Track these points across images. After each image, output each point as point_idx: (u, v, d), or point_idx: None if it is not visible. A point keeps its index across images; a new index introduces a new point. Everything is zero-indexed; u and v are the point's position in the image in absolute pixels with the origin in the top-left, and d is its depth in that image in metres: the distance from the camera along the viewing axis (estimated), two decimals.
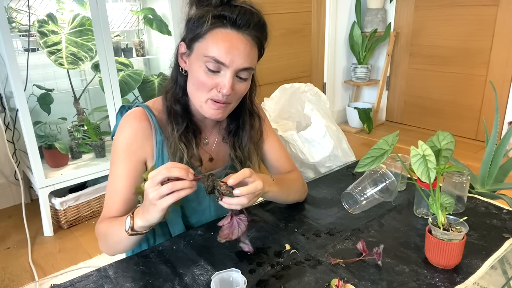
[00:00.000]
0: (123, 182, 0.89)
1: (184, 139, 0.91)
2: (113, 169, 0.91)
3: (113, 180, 0.90)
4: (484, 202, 1.04)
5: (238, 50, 0.81)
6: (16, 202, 2.44)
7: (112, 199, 0.90)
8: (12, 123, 2.26)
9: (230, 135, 1.00)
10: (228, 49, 0.81)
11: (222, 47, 0.81)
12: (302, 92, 2.24)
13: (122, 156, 0.90)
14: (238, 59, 0.82)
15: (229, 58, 0.81)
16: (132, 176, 0.90)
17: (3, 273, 1.82)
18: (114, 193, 0.90)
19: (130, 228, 0.78)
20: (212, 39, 0.82)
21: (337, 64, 3.71)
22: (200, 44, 0.83)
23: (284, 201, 1.04)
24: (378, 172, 0.95)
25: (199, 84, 0.85)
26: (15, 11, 2.08)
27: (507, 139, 1.37)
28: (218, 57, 0.81)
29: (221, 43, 0.81)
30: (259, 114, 1.04)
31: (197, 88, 0.86)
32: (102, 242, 0.90)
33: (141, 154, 0.91)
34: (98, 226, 0.90)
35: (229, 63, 0.81)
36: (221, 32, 0.81)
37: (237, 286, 0.67)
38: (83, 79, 2.42)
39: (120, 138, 0.91)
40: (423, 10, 3.41)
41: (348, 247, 0.87)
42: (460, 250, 0.77)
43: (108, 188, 0.91)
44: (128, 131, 0.90)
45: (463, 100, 3.32)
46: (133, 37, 2.59)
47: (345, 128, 3.67)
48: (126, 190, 0.89)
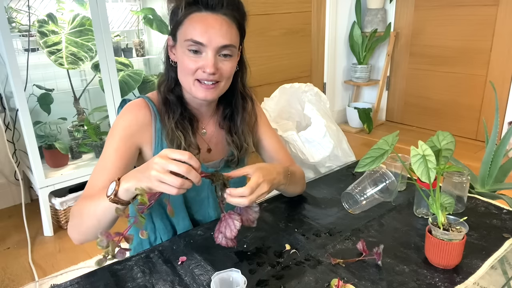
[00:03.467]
0: (113, 161, 0.88)
1: (180, 126, 0.94)
2: (105, 148, 0.90)
3: (103, 158, 0.89)
4: (484, 202, 1.04)
5: (214, 29, 0.85)
6: (16, 202, 2.44)
7: (98, 177, 0.87)
8: (12, 123, 2.26)
9: (225, 120, 1.03)
10: (205, 29, 0.85)
11: (198, 28, 0.85)
12: (302, 92, 2.24)
13: (118, 136, 0.90)
14: (215, 37, 0.85)
15: (206, 37, 0.85)
16: (124, 157, 0.89)
17: (3, 273, 1.82)
18: (101, 171, 0.88)
19: (113, 193, 0.74)
20: (189, 23, 0.86)
21: (337, 64, 3.71)
22: (180, 31, 0.88)
23: (292, 193, 1.07)
24: (378, 172, 0.95)
25: (184, 68, 0.89)
26: (15, 11, 2.08)
27: (507, 139, 1.37)
28: (196, 37, 0.85)
29: (197, 25, 0.85)
30: (251, 97, 1.07)
31: (184, 73, 0.90)
32: (74, 221, 0.85)
33: (138, 139, 0.92)
34: (75, 205, 0.86)
35: (207, 42, 0.85)
36: (196, 15, 0.86)
37: (237, 286, 0.67)
38: (83, 79, 2.42)
39: (120, 120, 0.92)
40: (423, 10, 3.41)
41: (348, 247, 0.87)
42: (460, 250, 0.77)
43: (96, 167, 0.89)
44: (129, 115, 0.92)
45: (463, 100, 3.32)
46: (133, 37, 2.59)
47: (345, 128, 3.67)
48: (115, 169, 0.87)
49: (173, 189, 0.69)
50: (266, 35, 3.11)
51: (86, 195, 0.86)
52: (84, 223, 0.82)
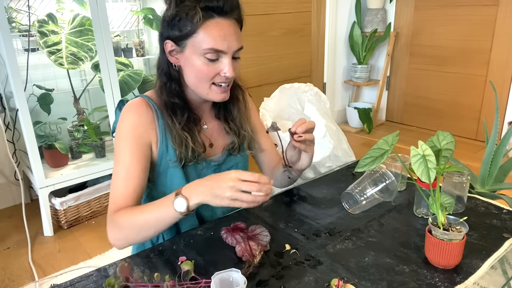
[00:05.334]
0: (134, 167, 0.90)
1: (186, 128, 0.95)
2: (120, 156, 0.91)
3: (122, 165, 0.90)
4: (484, 202, 1.04)
5: (231, 35, 0.87)
6: (16, 202, 2.44)
7: (124, 185, 0.89)
8: (12, 123, 2.26)
9: (221, 110, 1.04)
10: (224, 37, 0.86)
11: (218, 37, 0.86)
12: (302, 92, 2.24)
13: (128, 141, 0.91)
14: (232, 43, 0.88)
15: (226, 45, 0.87)
16: (142, 160, 0.91)
17: (3, 273, 1.82)
18: (126, 179, 0.89)
19: (186, 209, 0.79)
20: (206, 32, 0.86)
21: (337, 64, 3.71)
22: (194, 40, 0.87)
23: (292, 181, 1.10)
24: (378, 172, 0.95)
25: (201, 75, 0.90)
26: (15, 11, 2.08)
27: (507, 139, 1.37)
28: (217, 47, 0.86)
29: (216, 34, 0.86)
30: (240, 86, 1.09)
31: (200, 79, 0.91)
32: (125, 231, 0.86)
33: (147, 137, 0.93)
34: (116, 216, 0.86)
35: (227, 49, 0.87)
36: (211, 23, 0.86)
37: (237, 286, 0.67)
38: (83, 79, 2.42)
39: (124, 124, 0.92)
40: (423, 10, 3.41)
41: (348, 247, 0.87)
42: (460, 250, 0.77)
43: (116, 174, 0.90)
44: (132, 116, 0.92)
45: (463, 100, 3.32)
46: (133, 37, 2.59)
47: (345, 128, 3.67)
48: (138, 173, 0.90)
49: (245, 204, 0.78)
50: (266, 35, 3.11)
51: (118, 204, 0.88)
52: (141, 234, 0.86)
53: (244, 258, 0.81)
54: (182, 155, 0.94)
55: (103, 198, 2.29)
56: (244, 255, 0.81)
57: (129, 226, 0.85)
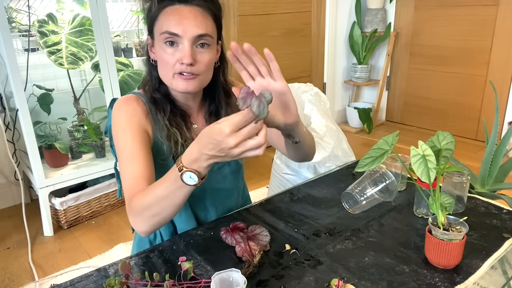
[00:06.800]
0: (137, 148, 0.87)
1: (174, 123, 0.94)
2: (120, 145, 0.88)
3: (125, 150, 0.87)
4: (484, 202, 1.04)
5: (188, 19, 0.86)
6: (16, 202, 2.44)
7: (132, 168, 0.85)
8: (12, 123, 2.26)
9: (211, 116, 1.03)
10: (179, 20, 0.85)
11: (172, 20, 0.86)
12: (302, 92, 2.24)
13: (127, 129, 0.89)
14: (190, 28, 0.85)
15: (181, 28, 0.85)
16: (143, 143, 0.89)
17: (3, 273, 1.82)
18: (131, 161, 0.86)
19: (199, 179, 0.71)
20: (164, 16, 0.87)
21: (337, 64, 3.71)
22: (156, 27, 0.89)
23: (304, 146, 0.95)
24: (378, 172, 0.95)
25: (163, 63, 0.89)
26: (15, 11, 2.07)
27: (507, 139, 1.37)
28: (171, 29, 0.85)
29: (171, 17, 0.86)
30: (229, 90, 1.05)
31: (163, 68, 0.90)
32: (146, 214, 0.79)
33: (144, 126, 0.92)
34: (135, 201, 0.80)
35: (182, 32, 0.85)
36: (170, 9, 0.87)
37: (237, 286, 0.67)
38: (83, 79, 2.42)
39: (119, 117, 0.91)
40: (423, 10, 3.40)
41: (348, 247, 0.87)
42: (460, 250, 0.77)
43: (122, 161, 0.87)
44: (126, 107, 0.92)
45: (463, 100, 3.32)
46: (133, 37, 2.59)
47: (345, 128, 3.66)
48: (144, 155, 0.87)
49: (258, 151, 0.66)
50: (266, 35, 3.11)
51: (133, 189, 0.83)
52: (160, 215, 0.78)
53: (244, 258, 0.81)
54: (173, 151, 0.93)
55: (103, 198, 2.29)
56: (244, 255, 0.81)
57: (148, 207, 0.78)
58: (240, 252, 0.82)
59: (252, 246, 0.82)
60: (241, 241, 0.84)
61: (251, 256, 0.80)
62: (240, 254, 0.82)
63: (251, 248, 0.82)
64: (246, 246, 0.82)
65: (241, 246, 0.83)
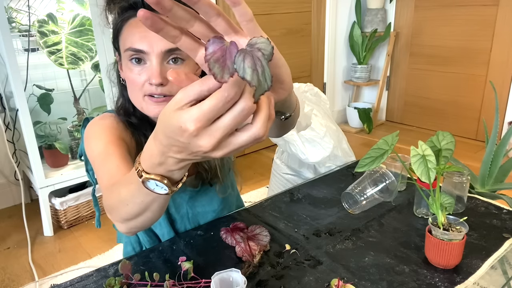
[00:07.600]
0: (113, 149, 0.76)
1: None
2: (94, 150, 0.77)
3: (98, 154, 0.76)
4: (484, 202, 1.04)
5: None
6: (16, 202, 2.44)
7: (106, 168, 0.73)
8: (12, 123, 2.26)
9: None
10: (143, 33, 0.72)
11: (136, 33, 0.73)
12: (302, 92, 2.24)
13: (102, 136, 0.78)
14: (157, 41, 0.72)
15: (146, 42, 0.72)
16: (120, 146, 0.77)
17: (3, 273, 1.82)
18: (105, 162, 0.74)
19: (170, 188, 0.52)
20: (127, 30, 0.75)
21: (337, 64, 3.71)
22: (120, 42, 0.77)
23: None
24: (378, 172, 0.95)
25: (130, 83, 0.77)
26: (15, 11, 2.07)
27: (507, 139, 1.37)
28: (135, 44, 0.73)
29: (135, 30, 0.74)
30: None
31: (131, 90, 0.78)
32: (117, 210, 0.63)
33: (123, 137, 0.82)
34: (109, 196, 0.65)
35: (148, 48, 0.73)
36: (134, 20, 0.74)
37: (237, 286, 0.67)
38: (83, 79, 2.42)
39: (93, 129, 0.81)
40: (423, 10, 3.41)
41: (348, 247, 0.87)
42: (460, 250, 0.77)
43: (99, 168, 0.75)
44: (101, 122, 0.82)
45: (463, 100, 3.32)
46: None
47: (345, 128, 3.66)
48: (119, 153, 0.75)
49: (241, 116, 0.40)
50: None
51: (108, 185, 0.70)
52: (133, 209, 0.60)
53: (244, 258, 0.81)
54: None
55: None
56: (244, 255, 0.81)
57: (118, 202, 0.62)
58: (240, 252, 0.82)
59: (252, 246, 0.82)
60: (241, 241, 0.84)
61: (251, 256, 0.80)
62: (240, 254, 0.82)
63: (251, 248, 0.82)
64: (246, 246, 0.82)
65: (241, 246, 0.83)
